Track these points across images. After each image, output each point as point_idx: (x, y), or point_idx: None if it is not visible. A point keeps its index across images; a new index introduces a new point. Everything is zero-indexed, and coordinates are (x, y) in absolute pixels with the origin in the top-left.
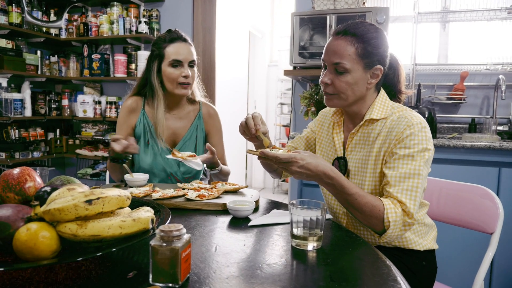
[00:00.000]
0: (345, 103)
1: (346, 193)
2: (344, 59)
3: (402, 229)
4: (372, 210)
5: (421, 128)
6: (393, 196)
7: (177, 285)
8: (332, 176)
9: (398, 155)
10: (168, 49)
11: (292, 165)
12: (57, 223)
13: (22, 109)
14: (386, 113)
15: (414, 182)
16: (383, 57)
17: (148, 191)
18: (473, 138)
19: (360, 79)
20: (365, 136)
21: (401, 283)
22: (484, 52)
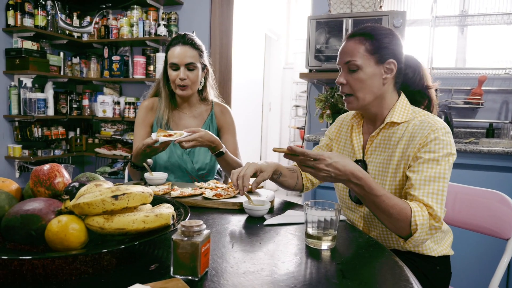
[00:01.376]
0: (363, 103)
1: (374, 194)
2: (354, 57)
3: (428, 233)
4: (399, 212)
5: (445, 132)
6: (419, 199)
7: (196, 278)
8: (361, 177)
9: (423, 159)
10: (170, 52)
11: (319, 163)
12: (86, 216)
13: (45, 108)
14: (408, 117)
15: (440, 186)
16: (396, 52)
17: (167, 189)
18: (490, 143)
19: (374, 74)
20: (386, 140)
21: (413, 283)
22: (504, 56)
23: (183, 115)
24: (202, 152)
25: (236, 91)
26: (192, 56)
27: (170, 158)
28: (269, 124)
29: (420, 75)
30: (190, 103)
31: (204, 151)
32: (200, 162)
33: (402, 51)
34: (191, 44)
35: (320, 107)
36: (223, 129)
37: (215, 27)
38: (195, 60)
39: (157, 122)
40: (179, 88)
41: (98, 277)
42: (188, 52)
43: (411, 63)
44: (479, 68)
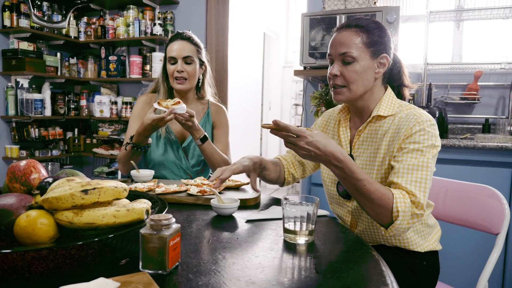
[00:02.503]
0: (354, 96)
1: (355, 178)
2: (351, 48)
3: (410, 222)
4: (381, 198)
5: (430, 124)
6: (402, 186)
7: (165, 272)
8: (341, 159)
9: (407, 149)
10: (168, 47)
11: (300, 140)
12: (55, 211)
13: (42, 109)
14: (394, 110)
15: (423, 174)
16: (388, 47)
17: (152, 186)
18: (486, 139)
19: (368, 67)
20: (373, 133)
21: (386, 277)
22: (500, 51)
23: None
24: (197, 148)
25: (234, 90)
26: (190, 50)
27: (165, 154)
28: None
29: (401, 73)
30: (187, 100)
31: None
32: (195, 158)
33: (392, 46)
34: (189, 40)
35: (315, 104)
36: (217, 127)
37: (211, 26)
38: (193, 54)
39: None
40: (176, 81)
41: (68, 272)
42: (186, 46)
43: (396, 59)
44: (475, 63)
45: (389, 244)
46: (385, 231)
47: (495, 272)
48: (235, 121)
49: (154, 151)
